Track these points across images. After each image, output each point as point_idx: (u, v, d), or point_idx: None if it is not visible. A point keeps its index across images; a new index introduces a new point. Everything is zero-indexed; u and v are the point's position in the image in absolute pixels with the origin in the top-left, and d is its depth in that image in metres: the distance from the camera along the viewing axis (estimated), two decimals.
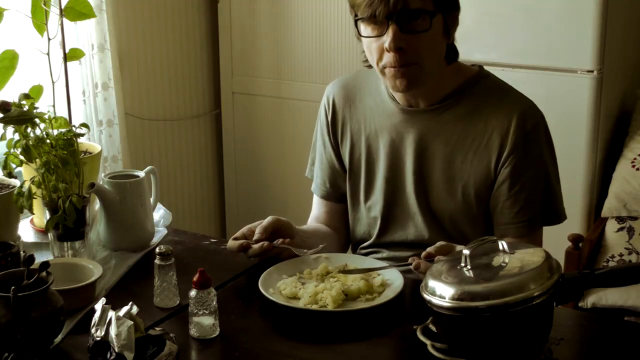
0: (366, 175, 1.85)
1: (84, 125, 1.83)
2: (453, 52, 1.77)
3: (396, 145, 1.80)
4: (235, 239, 1.75)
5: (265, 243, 1.70)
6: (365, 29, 1.69)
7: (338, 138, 1.88)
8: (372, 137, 1.83)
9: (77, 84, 2.89)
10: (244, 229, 1.76)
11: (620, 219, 2.88)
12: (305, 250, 1.73)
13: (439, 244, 1.59)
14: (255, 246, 1.71)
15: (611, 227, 2.88)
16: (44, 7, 2.04)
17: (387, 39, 1.65)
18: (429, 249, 1.57)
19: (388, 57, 1.67)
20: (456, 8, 1.73)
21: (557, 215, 1.79)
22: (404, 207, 1.81)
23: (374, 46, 1.68)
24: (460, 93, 1.76)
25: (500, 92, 1.79)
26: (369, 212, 1.86)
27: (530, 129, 1.72)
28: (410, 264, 1.57)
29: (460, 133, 1.75)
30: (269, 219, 1.76)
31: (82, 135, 1.82)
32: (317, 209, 1.98)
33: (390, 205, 1.82)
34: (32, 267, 1.47)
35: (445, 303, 1.31)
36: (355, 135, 1.85)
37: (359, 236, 1.91)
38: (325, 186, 1.93)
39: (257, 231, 1.73)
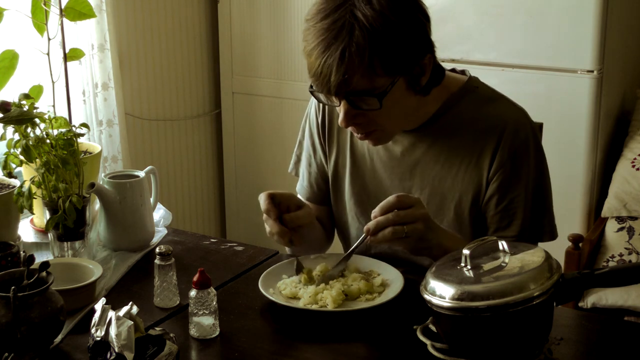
0: (351, 185, 1.81)
1: (84, 125, 1.83)
2: (433, 80, 1.64)
3: (381, 162, 1.77)
4: (272, 198, 1.66)
5: (288, 233, 1.65)
6: (319, 95, 1.61)
7: (327, 141, 1.85)
8: (357, 148, 1.80)
9: (77, 84, 2.89)
10: (286, 195, 1.69)
11: (620, 219, 2.88)
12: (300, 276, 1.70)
13: (377, 207, 1.55)
14: (279, 228, 1.65)
15: (611, 227, 2.88)
16: (44, 7, 2.04)
17: (340, 114, 1.59)
18: (374, 213, 1.55)
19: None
20: (422, 57, 1.58)
21: (549, 232, 1.72)
22: None
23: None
24: (445, 110, 1.70)
25: (489, 106, 1.70)
26: (353, 222, 1.83)
27: (521, 145, 1.66)
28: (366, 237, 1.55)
29: (449, 151, 1.69)
30: (307, 212, 1.70)
31: (82, 135, 1.82)
32: None
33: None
34: (32, 267, 1.47)
35: (445, 303, 1.31)
36: (341, 142, 1.82)
37: (345, 243, 1.89)
38: (312, 189, 1.90)
39: (291, 217, 1.67)
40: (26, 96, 1.81)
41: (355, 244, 1.64)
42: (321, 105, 1.84)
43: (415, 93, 1.62)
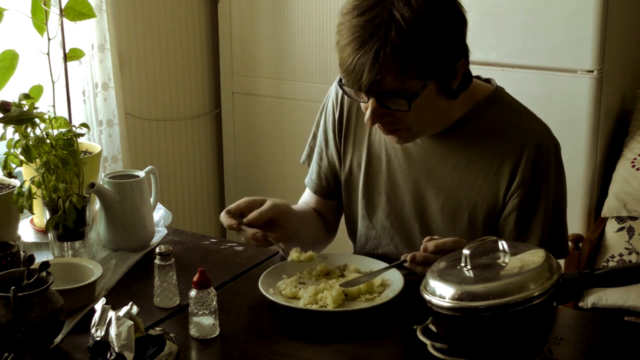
0: (364, 184, 1.80)
1: (84, 125, 1.83)
2: (462, 85, 1.63)
3: (398, 164, 1.75)
4: (229, 212, 1.70)
5: (259, 233, 1.68)
6: (349, 90, 1.60)
7: (342, 137, 1.83)
8: (374, 148, 1.78)
9: (77, 84, 2.89)
10: (242, 203, 1.71)
11: (620, 219, 2.88)
12: (290, 256, 1.69)
13: (433, 243, 1.54)
14: (249, 233, 1.68)
15: (611, 227, 2.88)
16: (44, 7, 2.04)
17: (367, 111, 1.58)
18: (426, 245, 1.54)
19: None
20: (455, 61, 1.57)
21: (562, 249, 1.72)
22: (403, 227, 1.77)
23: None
24: (470, 118, 1.68)
25: (514, 118, 1.69)
26: (362, 220, 1.83)
27: (542, 161, 1.65)
28: (405, 261, 1.55)
29: (469, 159, 1.68)
30: (269, 205, 1.70)
31: (82, 135, 1.82)
32: (308, 202, 1.93)
33: (388, 222, 1.78)
34: (32, 267, 1.47)
35: (445, 303, 1.31)
36: (358, 141, 1.81)
37: (353, 239, 1.89)
38: (320, 182, 1.89)
39: (254, 215, 1.69)
40: (26, 96, 1.81)
41: (392, 264, 1.63)
42: (339, 101, 1.82)
43: (446, 97, 1.60)
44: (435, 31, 1.51)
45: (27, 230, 1.98)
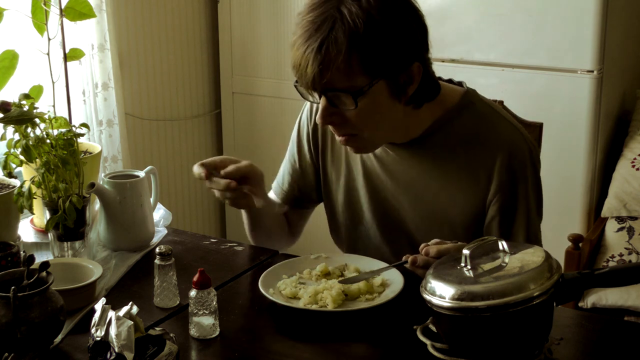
0: (345, 196, 1.79)
1: (84, 125, 1.83)
2: (426, 94, 1.61)
3: (377, 176, 1.74)
4: (203, 165, 1.68)
5: (234, 183, 1.65)
6: (301, 89, 1.60)
7: (319, 150, 1.82)
8: (351, 159, 1.77)
9: (77, 84, 2.89)
10: (217, 159, 1.70)
11: (620, 219, 2.88)
12: (262, 202, 1.69)
13: (435, 247, 1.52)
14: (222, 182, 1.65)
15: (611, 227, 2.88)
16: (44, 7, 2.04)
17: (318, 112, 1.58)
18: (425, 246, 1.53)
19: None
20: (408, 63, 1.54)
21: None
22: (389, 236, 1.77)
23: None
24: (440, 126, 1.66)
25: (485, 124, 1.66)
26: (349, 232, 1.82)
27: (517, 167, 1.63)
28: (406, 262, 1.55)
29: (443, 169, 1.67)
30: (246, 162, 1.69)
31: (82, 135, 1.82)
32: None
33: (373, 232, 1.78)
34: (32, 267, 1.47)
35: (445, 303, 1.31)
36: (336, 153, 1.79)
37: (339, 242, 1.88)
38: (293, 191, 1.87)
39: (230, 168, 1.67)
40: (26, 96, 1.81)
41: (393, 264, 1.62)
42: (314, 114, 1.80)
43: (399, 101, 1.58)
44: (383, 29, 1.51)
45: (27, 230, 1.98)
